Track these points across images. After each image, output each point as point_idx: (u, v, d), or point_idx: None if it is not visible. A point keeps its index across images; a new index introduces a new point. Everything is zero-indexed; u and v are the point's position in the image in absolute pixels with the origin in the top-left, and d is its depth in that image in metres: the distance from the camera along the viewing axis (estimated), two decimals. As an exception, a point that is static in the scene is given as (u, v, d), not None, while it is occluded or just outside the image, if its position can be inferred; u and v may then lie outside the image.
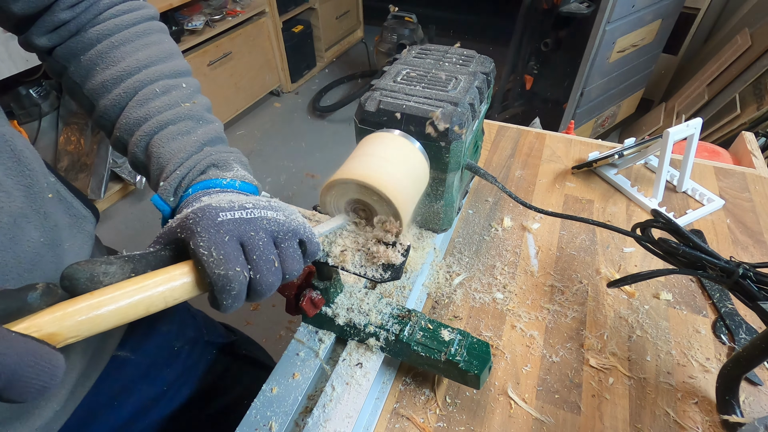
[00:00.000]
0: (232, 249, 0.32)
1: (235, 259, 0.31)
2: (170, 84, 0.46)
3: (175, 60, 0.49)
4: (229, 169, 0.44)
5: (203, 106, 0.48)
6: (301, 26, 2.92)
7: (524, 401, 0.49)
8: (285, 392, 0.47)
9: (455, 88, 0.54)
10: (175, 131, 0.44)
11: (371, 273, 0.44)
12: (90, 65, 0.45)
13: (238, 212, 0.33)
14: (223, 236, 0.31)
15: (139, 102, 0.44)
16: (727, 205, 0.73)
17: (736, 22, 2.09)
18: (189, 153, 0.43)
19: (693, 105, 1.97)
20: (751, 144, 0.88)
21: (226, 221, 0.32)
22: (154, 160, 0.43)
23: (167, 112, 0.44)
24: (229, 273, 0.31)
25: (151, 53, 0.46)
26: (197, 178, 0.42)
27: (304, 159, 2.48)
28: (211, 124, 0.47)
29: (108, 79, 0.45)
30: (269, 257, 0.33)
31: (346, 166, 0.47)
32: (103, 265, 0.29)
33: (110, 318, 0.27)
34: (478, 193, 0.77)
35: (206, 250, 0.31)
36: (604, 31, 1.74)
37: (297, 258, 0.36)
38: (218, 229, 0.32)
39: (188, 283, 0.31)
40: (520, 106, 2.37)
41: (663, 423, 0.47)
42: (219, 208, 0.33)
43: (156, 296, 0.29)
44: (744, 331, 0.55)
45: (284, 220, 0.35)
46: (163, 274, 0.30)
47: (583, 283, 0.61)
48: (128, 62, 0.45)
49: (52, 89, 2.04)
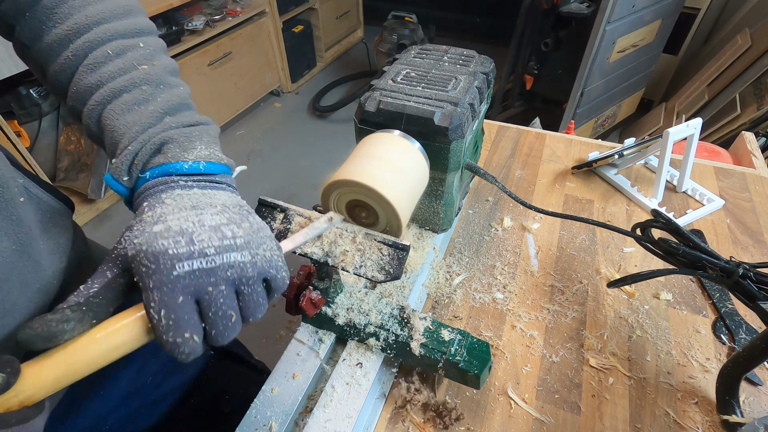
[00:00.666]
0: (185, 312, 0.29)
1: (186, 324, 0.29)
2: (125, 44, 0.40)
3: (133, 17, 0.42)
4: (191, 147, 0.38)
5: (165, 68, 0.42)
6: (301, 26, 2.93)
7: (524, 401, 0.49)
8: (285, 392, 0.47)
9: (455, 88, 0.54)
10: (130, 99, 0.38)
11: (371, 273, 0.44)
12: (37, 23, 0.39)
13: (197, 261, 0.30)
14: (177, 296, 0.29)
15: (90, 66, 0.39)
16: (727, 205, 0.73)
17: (736, 22, 2.09)
18: (144, 126, 0.38)
19: (693, 105, 1.97)
20: (751, 144, 0.88)
21: (182, 275, 0.29)
22: (108, 134, 0.38)
23: (121, 77, 0.39)
24: (177, 340, 0.29)
25: (103, 8, 0.40)
26: (155, 159, 0.37)
27: (304, 159, 2.48)
28: (175, 88, 0.41)
29: (55, 39, 0.39)
30: (227, 312, 0.31)
31: (346, 167, 0.47)
32: (60, 324, 0.27)
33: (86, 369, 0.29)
34: (478, 193, 0.77)
35: (156, 314, 0.29)
36: (604, 31, 1.74)
37: (260, 302, 0.33)
38: (173, 286, 0.29)
39: (138, 335, 0.31)
40: (520, 106, 2.37)
41: (663, 423, 0.47)
42: (176, 256, 0.30)
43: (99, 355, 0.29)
44: (744, 331, 0.55)
45: (248, 262, 0.32)
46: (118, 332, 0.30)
47: (583, 283, 0.61)
48: (76, 19, 0.39)
49: (53, 89, 2.04)
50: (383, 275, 0.43)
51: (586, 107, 2.03)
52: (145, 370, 0.58)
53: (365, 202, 0.47)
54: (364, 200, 0.47)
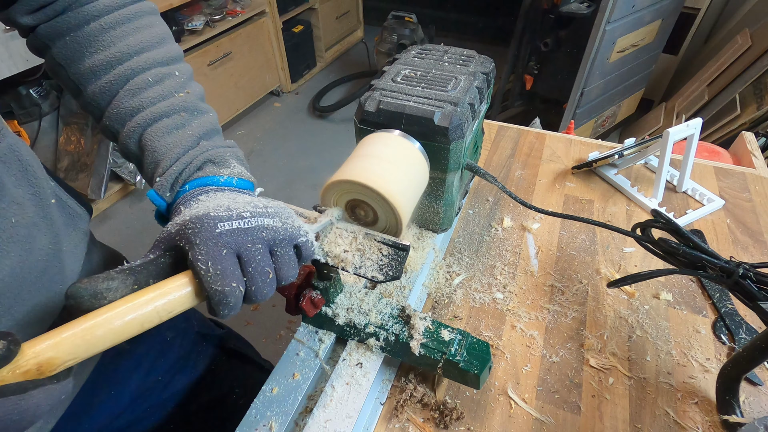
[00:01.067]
0: (229, 263, 0.32)
1: (231, 274, 0.32)
2: (163, 72, 0.45)
3: (167, 45, 0.47)
4: (226, 165, 0.43)
5: (197, 95, 0.47)
6: (301, 26, 2.93)
7: (524, 401, 0.49)
8: (285, 392, 0.47)
9: (455, 88, 0.54)
10: (170, 124, 0.43)
11: (371, 273, 0.44)
12: (77, 47, 0.43)
13: (236, 222, 0.34)
14: (221, 250, 0.32)
15: (131, 91, 0.43)
16: (727, 205, 0.73)
17: (736, 22, 2.09)
18: (185, 148, 0.42)
19: (693, 105, 1.97)
20: (751, 144, 0.88)
21: (224, 232, 0.33)
22: (149, 154, 0.42)
23: (161, 103, 0.43)
24: (225, 289, 0.31)
25: (143, 38, 0.44)
26: (194, 174, 0.42)
27: (304, 159, 2.48)
28: (206, 114, 0.46)
29: (97, 64, 0.43)
30: (264, 269, 0.34)
31: (346, 167, 0.47)
32: (106, 281, 0.29)
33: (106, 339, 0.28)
34: (478, 193, 0.77)
35: (204, 264, 0.31)
36: (604, 31, 1.74)
37: (292, 264, 0.36)
38: (216, 241, 0.32)
39: (187, 294, 0.32)
40: (520, 106, 2.37)
41: (663, 423, 0.47)
42: (217, 218, 0.33)
43: (150, 313, 0.30)
44: (744, 331, 0.55)
45: (281, 227, 0.35)
46: (161, 289, 0.31)
47: (583, 283, 0.61)
48: (119, 47, 0.43)
49: (52, 89, 2.04)
50: (383, 275, 0.43)
51: (586, 107, 2.03)
52: (155, 370, 0.59)
53: (365, 201, 0.47)
54: (365, 200, 0.47)
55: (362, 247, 0.45)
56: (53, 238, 0.40)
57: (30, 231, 0.37)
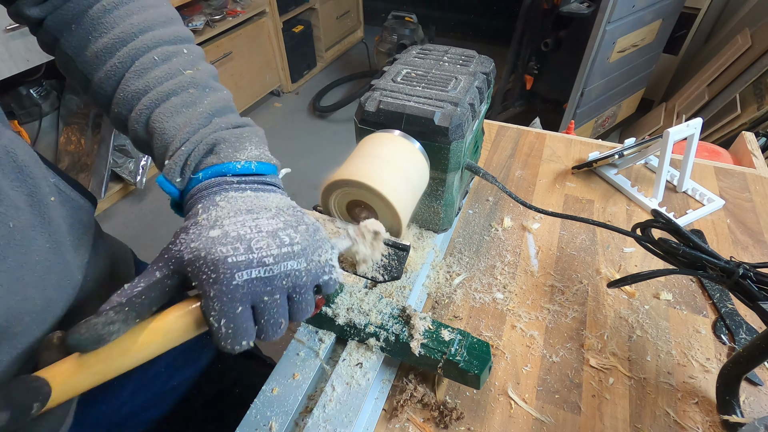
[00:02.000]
0: (243, 321, 0.31)
1: (243, 333, 0.31)
2: (170, 51, 0.41)
3: (174, 25, 0.44)
4: (242, 148, 0.39)
5: (208, 73, 0.43)
6: (301, 26, 2.93)
7: (524, 401, 0.49)
8: (285, 392, 0.47)
9: (455, 88, 0.54)
10: (179, 103, 0.39)
11: (371, 273, 0.44)
12: (83, 34, 0.40)
13: (256, 270, 0.31)
14: (236, 306, 0.30)
15: (137, 72, 0.40)
16: (728, 205, 0.73)
17: (737, 22, 2.09)
18: (195, 127, 0.38)
19: (693, 105, 1.97)
20: (752, 144, 0.88)
21: (241, 284, 0.30)
22: (157, 137, 0.39)
23: (168, 81, 0.40)
24: (235, 347, 0.31)
25: (147, 17, 0.41)
26: (207, 160, 0.38)
27: (304, 159, 2.48)
28: (219, 92, 0.43)
29: (102, 48, 0.40)
30: (279, 320, 0.33)
31: (346, 167, 0.47)
32: (106, 327, 0.29)
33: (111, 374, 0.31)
34: (478, 193, 0.77)
35: (217, 322, 0.30)
36: (604, 31, 1.74)
37: (308, 308, 0.34)
38: (232, 295, 0.30)
39: (191, 328, 0.32)
40: (520, 106, 2.37)
41: (663, 423, 0.47)
42: (235, 265, 0.30)
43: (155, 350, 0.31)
44: (744, 331, 0.55)
45: (304, 270, 0.33)
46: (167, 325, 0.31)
47: (583, 283, 0.61)
48: (122, 28, 0.40)
49: (53, 89, 2.04)
50: (383, 275, 0.43)
51: (587, 107, 2.03)
52: (157, 363, 0.59)
53: (365, 201, 0.47)
54: (364, 200, 0.47)
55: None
56: (51, 237, 0.39)
57: (27, 233, 0.36)
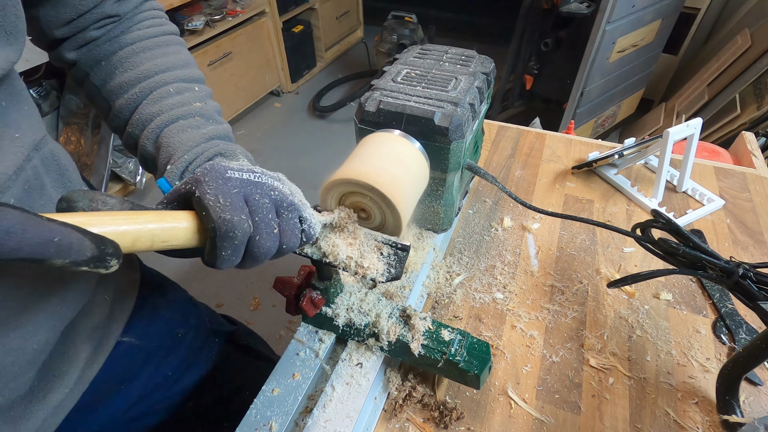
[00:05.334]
0: (238, 200, 0.32)
1: (240, 209, 0.32)
2: (184, 86, 0.49)
3: (190, 68, 0.52)
4: (236, 159, 0.45)
5: (214, 108, 0.51)
6: (301, 26, 2.92)
7: (524, 401, 0.49)
8: (285, 392, 0.47)
9: (455, 88, 0.54)
10: (186, 125, 0.46)
11: (372, 273, 0.43)
12: (110, 69, 0.48)
13: (246, 173, 0.34)
14: (231, 188, 0.32)
15: (153, 100, 0.47)
16: (727, 205, 0.73)
17: (736, 22, 2.09)
18: (197, 142, 0.45)
19: (693, 105, 1.97)
20: (751, 144, 0.88)
21: (234, 178, 0.33)
22: (163, 150, 0.45)
23: (179, 108, 0.47)
24: (234, 219, 0.31)
25: (168, 60, 0.49)
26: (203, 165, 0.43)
27: (304, 159, 2.48)
28: (221, 124, 0.49)
29: (126, 81, 0.47)
30: (270, 222, 0.34)
31: (346, 166, 0.47)
32: (103, 196, 0.29)
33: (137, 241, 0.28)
34: (478, 193, 0.77)
35: (213, 196, 0.31)
36: (604, 30, 1.74)
37: (296, 231, 0.37)
38: (226, 182, 0.32)
39: (186, 228, 0.31)
40: (520, 106, 2.37)
41: (663, 423, 0.47)
42: (227, 166, 0.34)
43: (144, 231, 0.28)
44: (744, 331, 0.55)
45: (288, 194, 0.36)
46: (160, 215, 0.30)
47: (583, 283, 0.61)
48: (146, 66, 0.48)
49: (52, 89, 2.04)
50: (383, 275, 0.43)
51: (586, 107, 2.03)
52: (165, 366, 0.60)
53: (365, 201, 0.47)
54: (365, 200, 0.47)
55: (362, 247, 0.45)
56: None
57: None
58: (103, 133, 2.02)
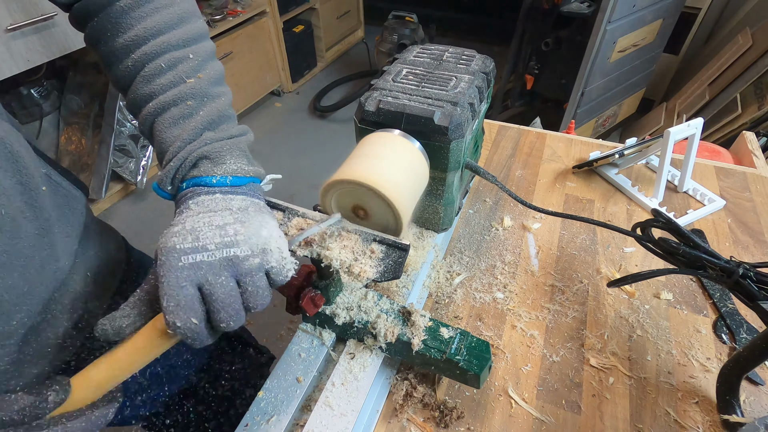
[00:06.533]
0: (184, 297, 0.33)
1: (186, 308, 0.33)
2: (177, 57, 0.45)
3: (186, 24, 0.47)
4: (222, 162, 0.43)
5: (209, 79, 0.47)
6: (301, 26, 2.93)
7: (524, 401, 0.49)
8: (285, 391, 0.47)
9: (455, 87, 0.54)
10: (177, 114, 0.44)
11: (371, 272, 0.43)
12: (102, 30, 0.44)
13: (200, 255, 0.35)
14: (181, 284, 0.34)
15: (145, 78, 0.44)
16: (728, 205, 0.72)
17: (737, 21, 2.08)
18: (185, 142, 0.43)
19: (694, 105, 1.97)
20: (752, 144, 0.88)
21: (186, 266, 0.34)
22: (157, 144, 0.45)
23: (170, 91, 0.44)
24: (177, 322, 0.33)
25: (160, 19, 0.45)
26: (191, 173, 0.42)
27: (304, 158, 2.48)
28: (215, 100, 0.46)
29: (117, 48, 0.44)
30: (226, 300, 0.35)
31: (345, 166, 0.47)
32: (123, 319, 0.35)
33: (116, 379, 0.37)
34: (479, 192, 0.77)
35: (162, 298, 0.33)
36: (604, 30, 1.74)
37: (261, 293, 0.37)
38: (177, 275, 0.34)
39: (161, 335, 0.35)
40: (520, 106, 2.37)
41: (663, 423, 0.47)
42: (182, 251, 0.35)
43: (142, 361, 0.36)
44: (745, 331, 0.55)
45: (248, 256, 0.36)
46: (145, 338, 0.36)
47: (583, 282, 0.61)
48: (136, 31, 0.44)
49: (53, 89, 2.04)
50: (383, 275, 0.43)
51: (587, 107, 2.03)
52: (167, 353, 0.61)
53: (365, 201, 0.47)
54: (364, 199, 0.47)
55: (358, 249, 0.45)
56: (42, 225, 0.42)
57: (16, 220, 0.39)
58: (104, 133, 2.02)
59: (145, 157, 2.17)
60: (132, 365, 0.36)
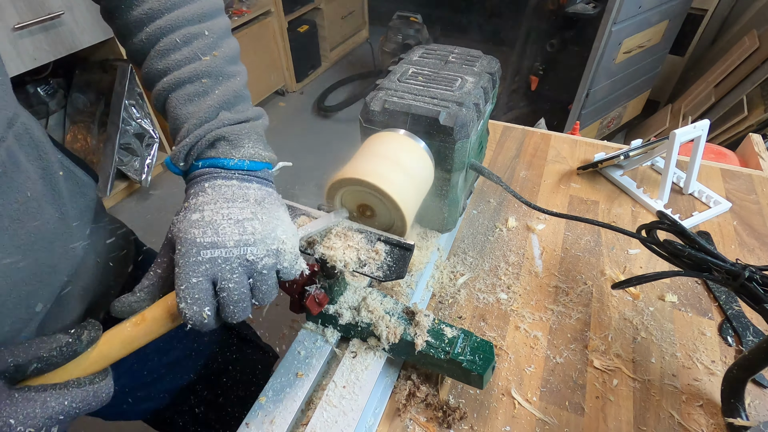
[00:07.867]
0: (198, 290, 0.35)
1: (199, 300, 0.35)
2: (192, 32, 0.44)
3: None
4: (240, 145, 0.43)
5: (225, 57, 0.46)
6: (306, 26, 2.93)
7: (528, 402, 0.49)
8: (288, 390, 0.47)
9: (460, 88, 0.54)
10: (192, 91, 0.43)
11: (375, 272, 0.44)
12: (115, 2, 0.44)
13: (218, 251, 0.36)
14: (195, 276, 0.35)
15: (160, 52, 0.43)
16: (734, 208, 0.72)
17: (744, 23, 2.07)
18: (201, 119, 0.42)
19: (700, 106, 1.96)
20: (758, 146, 0.88)
21: (205, 260, 0.35)
22: (171, 120, 0.44)
23: (185, 67, 0.43)
24: (185, 311, 0.35)
25: None
26: (207, 153, 0.42)
27: (308, 158, 2.48)
28: (231, 79, 0.46)
29: (131, 21, 0.44)
30: (237, 296, 0.36)
31: (350, 166, 0.47)
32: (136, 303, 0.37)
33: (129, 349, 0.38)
34: (483, 193, 0.77)
35: (177, 287, 0.35)
36: (610, 31, 1.73)
37: (269, 290, 0.38)
38: (195, 268, 0.35)
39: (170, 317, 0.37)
40: (525, 107, 2.36)
41: (667, 425, 0.47)
42: (201, 245, 0.36)
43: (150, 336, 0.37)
44: (751, 333, 0.54)
45: (262, 256, 0.37)
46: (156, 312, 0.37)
47: (587, 284, 0.61)
48: (151, 4, 0.43)
49: (60, 88, 2.05)
50: (387, 274, 0.43)
51: (592, 108, 2.02)
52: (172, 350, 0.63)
53: (370, 200, 0.47)
54: (369, 199, 0.47)
55: (362, 249, 0.45)
56: (60, 208, 0.44)
57: (40, 203, 0.40)
58: (109, 131, 2.03)
59: (150, 156, 2.18)
60: (139, 340, 0.37)
